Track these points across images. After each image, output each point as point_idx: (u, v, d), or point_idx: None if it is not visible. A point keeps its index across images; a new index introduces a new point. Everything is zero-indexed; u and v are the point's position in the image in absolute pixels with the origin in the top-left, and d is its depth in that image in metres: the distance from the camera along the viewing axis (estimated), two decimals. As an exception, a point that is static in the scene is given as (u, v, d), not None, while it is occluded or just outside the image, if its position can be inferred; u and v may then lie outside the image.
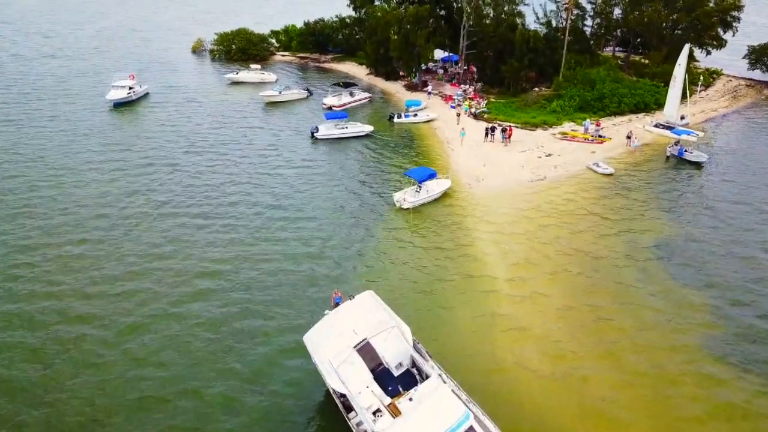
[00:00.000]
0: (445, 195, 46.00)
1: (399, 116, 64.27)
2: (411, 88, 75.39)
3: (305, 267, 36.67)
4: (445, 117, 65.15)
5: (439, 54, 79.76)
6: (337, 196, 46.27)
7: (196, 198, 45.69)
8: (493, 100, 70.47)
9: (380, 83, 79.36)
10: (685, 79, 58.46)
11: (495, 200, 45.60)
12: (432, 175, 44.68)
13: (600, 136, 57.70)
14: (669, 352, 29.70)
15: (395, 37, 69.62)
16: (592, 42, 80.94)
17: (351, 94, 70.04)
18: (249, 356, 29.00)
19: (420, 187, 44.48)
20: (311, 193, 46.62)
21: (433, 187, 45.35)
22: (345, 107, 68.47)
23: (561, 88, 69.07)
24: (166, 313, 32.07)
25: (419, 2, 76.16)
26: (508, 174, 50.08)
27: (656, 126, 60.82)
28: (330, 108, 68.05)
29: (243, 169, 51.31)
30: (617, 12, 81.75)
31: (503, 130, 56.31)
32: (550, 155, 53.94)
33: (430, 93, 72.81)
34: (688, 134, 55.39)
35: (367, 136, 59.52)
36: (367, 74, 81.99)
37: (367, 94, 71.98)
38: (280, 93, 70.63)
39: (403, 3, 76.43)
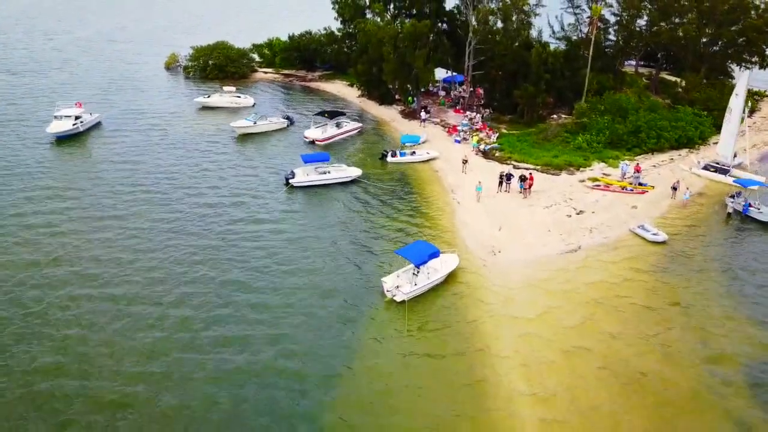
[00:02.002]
0: (451, 276, 34.16)
1: (393, 154, 52.37)
2: (409, 114, 63.49)
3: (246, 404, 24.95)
4: (448, 154, 53.26)
5: (440, 74, 67.70)
6: (306, 282, 34.33)
7: (138, 268, 33.91)
8: (504, 131, 58.56)
9: (373, 108, 67.43)
10: (743, 113, 46.63)
11: (517, 284, 33.80)
12: (434, 255, 32.78)
13: (641, 184, 45.77)
14: None
15: (391, 56, 57.52)
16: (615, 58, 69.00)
17: (338, 125, 58.15)
18: None
19: (418, 270, 32.59)
20: (271, 276, 34.67)
21: (436, 268, 33.53)
22: (330, 140, 56.65)
23: (584, 115, 57.16)
24: None
25: (417, 15, 64.34)
26: (531, 242, 38.23)
27: (706, 168, 48.93)
28: (313, 142, 56.24)
29: (198, 228, 39.42)
30: (641, 23, 69.65)
31: (522, 179, 44.38)
32: (582, 212, 42.05)
33: (423, 120, 60.92)
34: (754, 185, 42.81)
35: (353, 181, 47.68)
36: (359, 96, 70.07)
37: (356, 124, 60.09)
38: (254, 123, 58.75)
39: (398, 16, 64.56)
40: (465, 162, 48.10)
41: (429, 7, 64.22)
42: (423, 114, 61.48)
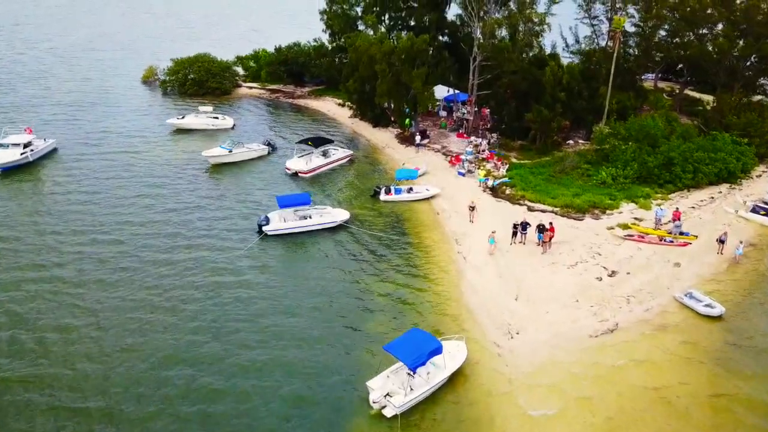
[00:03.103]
0: (458, 372, 26.26)
1: (388, 190, 44.47)
2: (406, 139, 55.52)
3: None
4: (451, 190, 45.39)
5: (441, 92, 59.73)
6: (266, 383, 26.40)
7: (59, 355, 26.02)
8: (514, 160, 50.63)
9: (366, 130, 59.51)
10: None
11: (541, 384, 25.87)
12: (435, 352, 24.87)
13: (681, 233, 37.80)
14: None
15: (385, 74, 49.51)
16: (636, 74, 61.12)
17: (324, 154, 50.28)
18: None
19: (414, 373, 24.66)
20: (221, 375, 26.74)
21: (438, 365, 25.64)
22: (316, 172, 48.81)
23: (604, 141, 49.29)
24: None
25: (415, 27, 56.43)
26: (556, 317, 30.31)
27: (755, 210, 41.00)
28: (296, 174, 48.38)
29: (145, 295, 31.52)
30: (662, 33, 61.63)
31: (540, 229, 36.42)
32: (614, 273, 34.11)
33: (419, 146, 53.11)
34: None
35: (340, 226, 39.80)
36: (351, 117, 62.13)
37: (346, 152, 52.18)
38: (230, 152, 50.82)
39: (394, 28, 56.63)
40: (472, 209, 39.93)
41: (428, 18, 56.26)
42: (418, 138, 53.61)
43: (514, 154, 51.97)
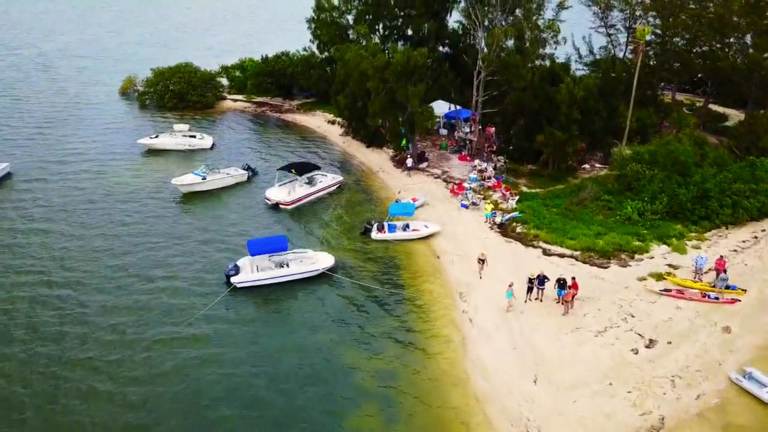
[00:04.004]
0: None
1: (380, 227, 38.12)
2: (402, 162, 49.06)
3: None
4: (454, 226, 39.08)
5: (440, 107, 53.20)
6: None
7: None
8: (524, 188, 44.25)
9: (359, 150, 53.16)
10: None
11: None
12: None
13: (728, 287, 31.36)
14: None
15: (379, 91, 43.04)
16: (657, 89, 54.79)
17: (310, 182, 43.95)
18: None
19: None
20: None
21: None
22: (300, 203, 42.51)
23: (625, 167, 43.00)
24: None
25: (412, 38, 50.10)
26: (585, 408, 23.94)
27: (810, 256, 34.58)
28: (277, 205, 42.07)
29: (81, 376, 25.19)
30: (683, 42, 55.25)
31: (561, 284, 29.99)
32: (653, 343, 27.73)
33: (410, 169, 46.98)
34: None
35: (323, 274, 33.45)
36: (342, 134, 55.73)
37: (335, 178, 45.81)
38: (203, 179, 44.46)
39: (389, 38, 50.22)
40: (482, 261, 33.30)
41: (426, 27, 49.78)
42: (410, 162, 47.33)
43: (523, 180, 45.59)
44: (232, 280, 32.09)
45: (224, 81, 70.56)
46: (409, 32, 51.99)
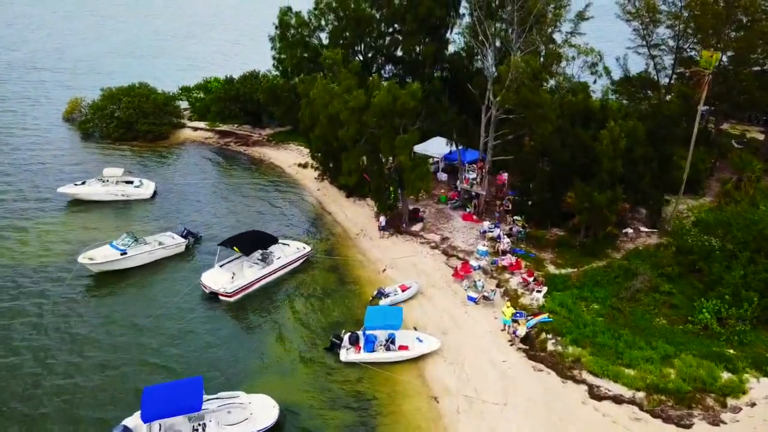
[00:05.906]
0: None
1: (354, 340, 26.17)
2: (391, 222, 36.90)
3: None
4: (458, 337, 27.16)
5: (438, 146, 40.96)
6: None
7: None
8: (552, 268, 32.21)
9: (335, 203, 41.11)
10: None
11: None
12: None
13: None
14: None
15: (355, 138, 30.99)
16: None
17: (264, 259, 31.95)
18: None
19: None
20: None
21: None
22: (248, 290, 30.58)
23: (686, 239, 31.28)
24: None
25: (403, 61, 38.07)
26: None
27: None
28: (216, 296, 30.10)
29: None
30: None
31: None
32: None
33: (383, 229, 35.87)
34: None
35: (263, 436, 21.63)
36: (317, 178, 43.74)
37: (300, 250, 33.63)
38: (124, 254, 32.45)
39: (372, 65, 38.10)
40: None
41: (421, 49, 37.61)
42: (382, 220, 35.63)
43: (548, 255, 33.54)
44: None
45: (185, 104, 58.46)
46: (399, 53, 39.88)
